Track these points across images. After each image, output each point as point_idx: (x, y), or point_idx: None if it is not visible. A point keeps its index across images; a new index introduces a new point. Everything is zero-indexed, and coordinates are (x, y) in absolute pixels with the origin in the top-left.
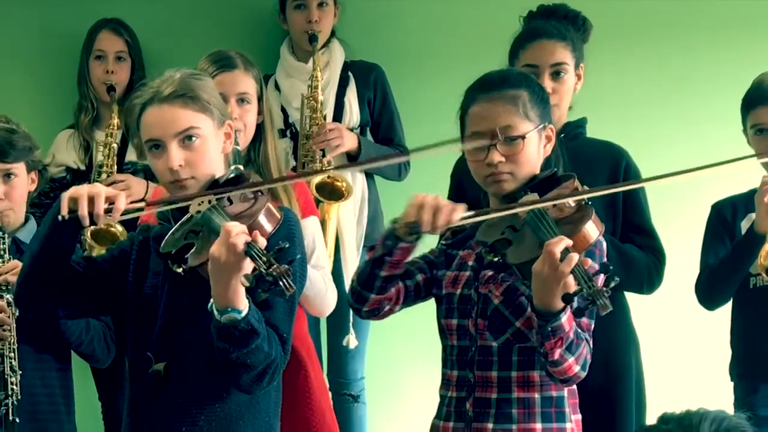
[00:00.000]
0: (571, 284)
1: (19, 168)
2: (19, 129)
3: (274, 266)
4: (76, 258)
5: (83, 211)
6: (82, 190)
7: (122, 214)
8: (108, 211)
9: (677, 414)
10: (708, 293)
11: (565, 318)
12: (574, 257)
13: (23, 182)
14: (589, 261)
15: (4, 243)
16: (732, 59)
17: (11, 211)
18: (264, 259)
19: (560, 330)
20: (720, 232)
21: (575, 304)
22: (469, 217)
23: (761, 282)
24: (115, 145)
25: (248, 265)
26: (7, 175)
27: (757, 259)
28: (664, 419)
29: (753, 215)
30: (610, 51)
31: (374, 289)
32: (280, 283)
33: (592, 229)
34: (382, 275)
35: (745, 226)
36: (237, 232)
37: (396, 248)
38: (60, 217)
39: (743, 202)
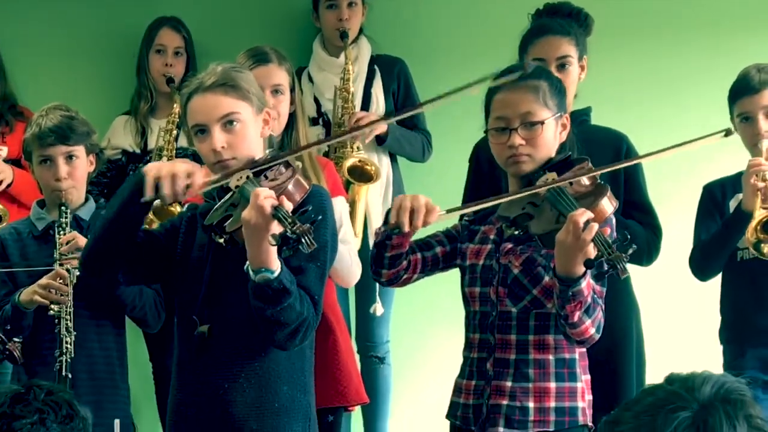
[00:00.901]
0: (592, 251)
1: (80, 151)
2: (77, 116)
3: (297, 225)
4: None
5: (167, 189)
6: (163, 171)
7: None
8: (187, 187)
9: (682, 375)
10: (700, 266)
11: (585, 283)
12: (595, 226)
13: (83, 164)
14: (608, 230)
15: (66, 218)
16: (720, 53)
17: (74, 190)
18: (289, 219)
19: (580, 294)
20: (711, 211)
21: (595, 270)
22: (444, 214)
23: (748, 255)
24: (175, 132)
25: (276, 227)
26: (69, 157)
27: (744, 234)
28: (670, 380)
29: (740, 195)
30: (610, 44)
31: (385, 266)
32: (303, 240)
33: (608, 204)
34: (388, 255)
35: (733, 205)
36: (265, 196)
37: (390, 239)
38: (144, 199)
39: (731, 184)
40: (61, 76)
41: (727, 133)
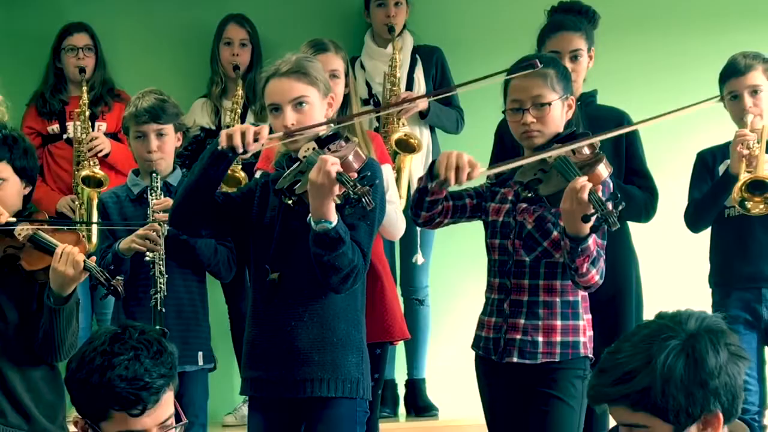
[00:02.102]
0: (589, 208)
1: (169, 128)
2: (169, 99)
3: (358, 187)
4: (217, 192)
5: (237, 141)
6: (235, 128)
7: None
8: (255, 140)
9: (670, 312)
10: (693, 221)
11: (591, 240)
12: (588, 185)
13: (172, 139)
14: (600, 188)
15: (157, 183)
16: (710, 43)
17: (162, 161)
18: (351, 183)
19: (587, 250)
20: (703, 174)
21: (592, 224)
22: (484, 171)
23: (734, 213)
24: (239, 110)
25: (339, 188)
26: (160, 134)
27: (731, 194)
28: (660, 316)
29: (728, 161)
30: (614, 37)
31: (423, 209)
32: (363, 200)
33: (603, 169)
34: (428, 200)
35: (722, 169)
36: (332, 162)
37: (434, 187)
38: (219, 148)
39: (721, 151)
40: (149, 64)
41: (722, 98)
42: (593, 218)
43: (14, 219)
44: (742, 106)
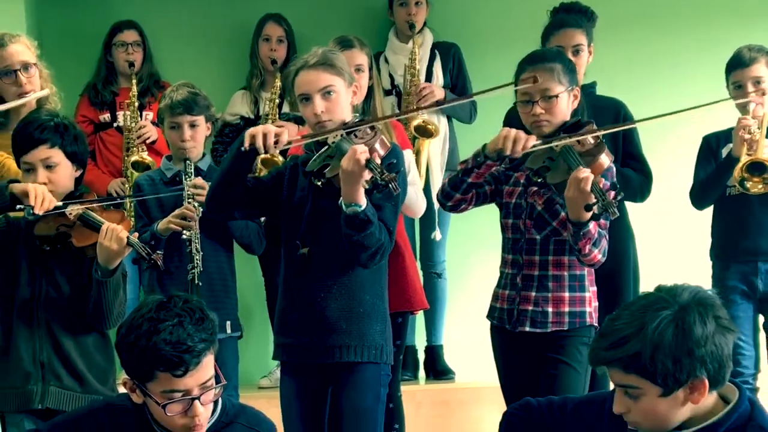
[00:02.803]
0: (592, 198)
1: (200, 119)
2: (200, 92)
3: (386, 174)
4: (248, 177)
5: (259, 142)
6: (258, 129)
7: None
8: (275, 143)
9: (668, 286)
10: (698, 199)
11: (592, 225)
12: (590, 177)
13: (203, 129)
14: (603, 180)
15: (189, 168)
16: (700, 40)
17: (194, 149)
18: (379, 170)
19: (589, 233)
20: (708, 156)
21: (594, 212)
22: (537, 145)
23: (734, 192)
24: (277, 101)
25: (367, 174)
26: (192, 125)
27: (732, 175)
28: (658, 288)
29: (731, 145)
30: (611, 33)
31: (460, 191)
32: (390, 185)
33: (605, 159)
34: (469, 181)
35: (725, 152)
36: (361, 151)
37: (484, 164)
38: (243, 148)
39: (724, 135)
40: (193, 58)
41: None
42: (595, 207)
43: (61, 203)
44: (745, 95)
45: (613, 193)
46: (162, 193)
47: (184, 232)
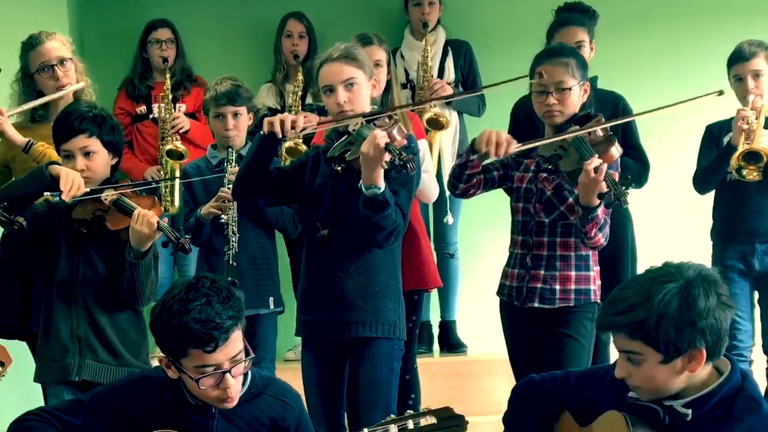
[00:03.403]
0: (604, 187)
1: (243, 110)
2: (242, 85)
3: (403, 155)
4: (271, 168)
5: (277, 128)
6: (275, 117)
7: (302, 131)
8: (292, 128)
9: (676, 262)
10: (700, 184)
11: (600, 210)
12: (605, 167)
13: (245, 119)
14: (616, 174)
15: (232, 156)
16: (694, 37)
17: (237, 137)
18: (397, 151)
19: (596, 218)
20: (710, 144)
21: (605, 201)
22: (519, 147)
23: (733, 177)
24: (300, 93)
25: (387, 156)
26: (235, 115)
27: (731, 162)
28: (666, 264)
29: (731, 134)
30: (612, 31)
31: (462, 182)
32: (408, 166)
33: (615, 151)
34: (466, 173)
35: (726, 140)
36: (381, 135)
37: (473, 161)
38: (262, 133)
39: (726, 125)
40: (222, 53)
41: (721, 92)
42: (606, 196)
43: (89, 188)
44: (745, 88)
45: (623, 183)
46: (207, 181)
47: (222, 215)
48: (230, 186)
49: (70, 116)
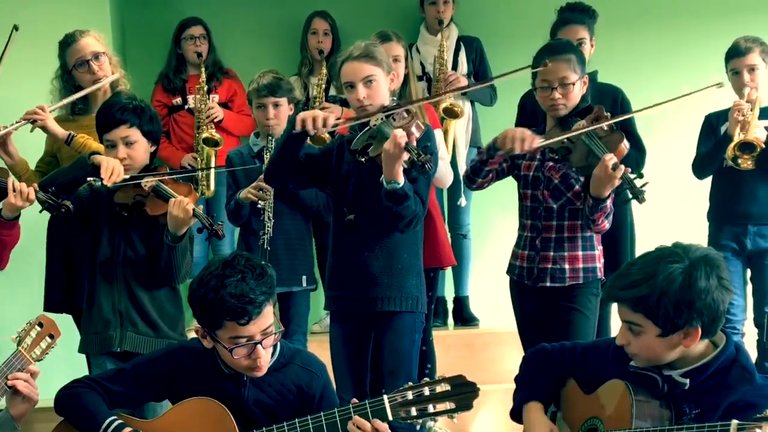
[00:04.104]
0: (617, 182)
1: (283, 101)
2: (284, 77)
3: (422, 156)
4: (300, 154)
5: (309, 125)
6: (308, 114)
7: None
8: (323, 125)
9: (684, 243)
10: (699, 170)
11: (609, 201)
12: (621, 167)
13: (285, 109)
14: (629, 169)
15: (272, 143)
16: (689, 35)
17: (278, 126)
18: (416, 151)
19: (605, 207)
20: (708, 132)
21: (623, 198)
22: (541, 142)
23: (728, 164)
24: (323, 86)
25: (406, 155)
26: (276, 105)
27: (727, 152)
28: (675, 244)
29: (728, 123)
30: (610, 29)
31: (480, 176)
32: (426, 165)
33: (625, 146)
34: (486, 169)
35: (723, 129)
36: (400, 136)
37: (496, 155)
38: (294, 131)
39: (724, 114)
40: (251, 48)
41: (720, 85)
42: (620, 190)
43: (127, 176)
44: (742, 81)
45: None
46: (249, 165)
47: (260, 202)
48: None
49: (111, 108)
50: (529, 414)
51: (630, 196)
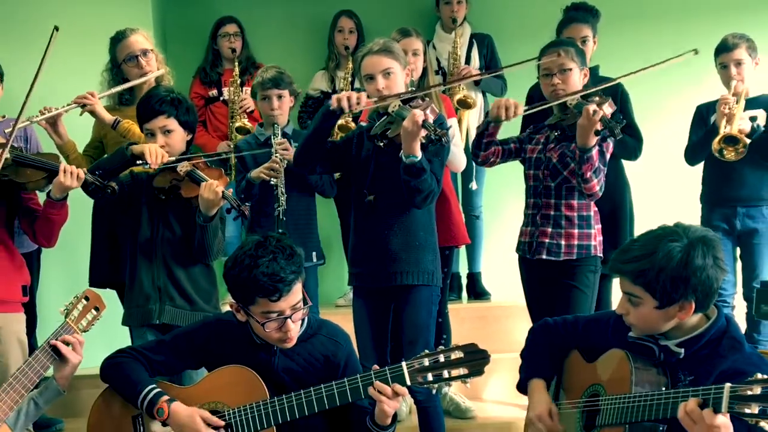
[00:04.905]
0: (599, 126)
1: (286, 93)
2: (285, 72)
3: (438, 131)
4: (326, 141)
5: (344, 103)
6: (343, 94)
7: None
8: (357, 103)
9: (684, 224)
10: (691, 157)
11: (594, 152)
12: (600, 113)
13: (287, 101)
14: (608, 114)
15: (277, 132)
16: (684, 31)
17: (281, 116)
18: (432, 127)
19: (591, 159)
20: (699, 122)
21: (603, 134)
22: (526, 110)
23: (715, 155)
24: (349, 79)
25: (423, 132)
26: (279, 97)
27: (713, 145)
28: (676, 224)
29: (716, 115)
30: (611, 27)
31: (481, 149)
32: (442, 139)
33: (608, 108)
34: (484, 141)
35: (713, 119)
36: (419, 114)
37: (490, 126)
38: (330, 108)
39: (713, 105)
40: (281, 45)
41: (696, 51)
42: (601, 132)
43: (174, 158)
44: (729, 74)
45: (615, 121)
46: (257, 153)
47: (272, 180)
48: (277, 155)
49: (151, 99)
50: (533, 391)
51: (607, 132)
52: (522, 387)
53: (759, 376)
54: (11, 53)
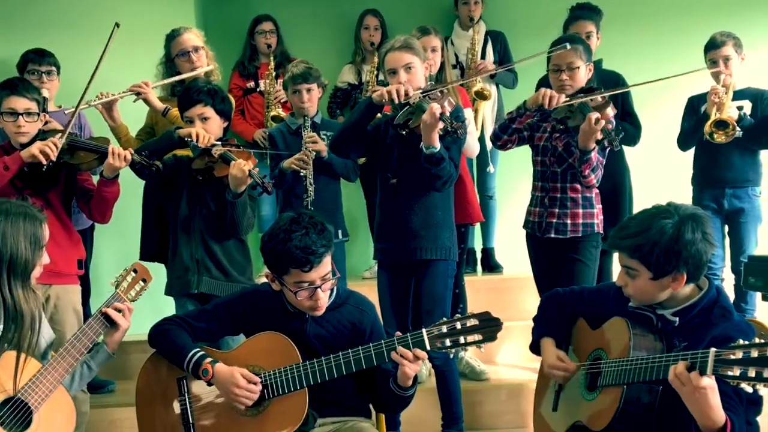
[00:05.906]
0: (599, 135)
1: (314, 86)
2: (313, 66)
3: (455, 124)
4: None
5: (394, 95)
6: (392, 87)
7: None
8: (406, 94)
9: (676, 203)
10: (683, 143)
11: (593, 154)
12: (602, 121)
13: (316, 93)
14: (610, 126)
15: (307, 123)
16: (680, 30)
17: (311, 107)
18: (449, 120)
19: (589, 160)
20: (690, 112)
21: (602, 144)
22: (566, 100)
23: (706, 138)
24: (375, 72)
25: (441, 124)
26: (309, 90)
27: (705, 128)
28: (668, 204)
29: (707, 104)
30: (614, 24)
31: (507, 133)
32: (458, 131)
33: (611, 111)
34: (513, 126)
35: (703, 109)
36: (437, 108)
37: (524, 114)
38: (375, 101)
39: (703, 97)
40: (313, 40)
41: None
42: (601, 142)
43: (218, 141)
44: (717, 69)
45: (614, 132)
46: (288, 140)
47: (302, 170)
48: (307, 147)
49: (190, 90)
50: (544, 347)
51: (606, 143)
52: (534, 348)
53: (741, 341)
54: (66, 48)
